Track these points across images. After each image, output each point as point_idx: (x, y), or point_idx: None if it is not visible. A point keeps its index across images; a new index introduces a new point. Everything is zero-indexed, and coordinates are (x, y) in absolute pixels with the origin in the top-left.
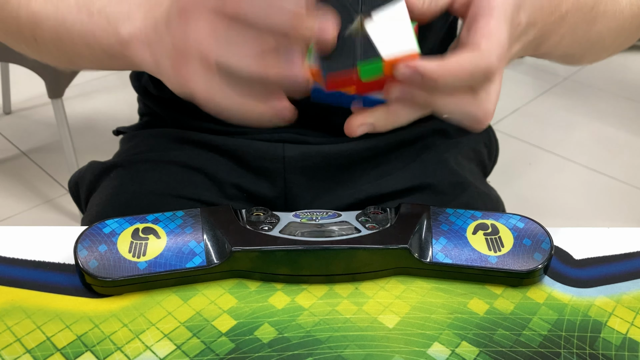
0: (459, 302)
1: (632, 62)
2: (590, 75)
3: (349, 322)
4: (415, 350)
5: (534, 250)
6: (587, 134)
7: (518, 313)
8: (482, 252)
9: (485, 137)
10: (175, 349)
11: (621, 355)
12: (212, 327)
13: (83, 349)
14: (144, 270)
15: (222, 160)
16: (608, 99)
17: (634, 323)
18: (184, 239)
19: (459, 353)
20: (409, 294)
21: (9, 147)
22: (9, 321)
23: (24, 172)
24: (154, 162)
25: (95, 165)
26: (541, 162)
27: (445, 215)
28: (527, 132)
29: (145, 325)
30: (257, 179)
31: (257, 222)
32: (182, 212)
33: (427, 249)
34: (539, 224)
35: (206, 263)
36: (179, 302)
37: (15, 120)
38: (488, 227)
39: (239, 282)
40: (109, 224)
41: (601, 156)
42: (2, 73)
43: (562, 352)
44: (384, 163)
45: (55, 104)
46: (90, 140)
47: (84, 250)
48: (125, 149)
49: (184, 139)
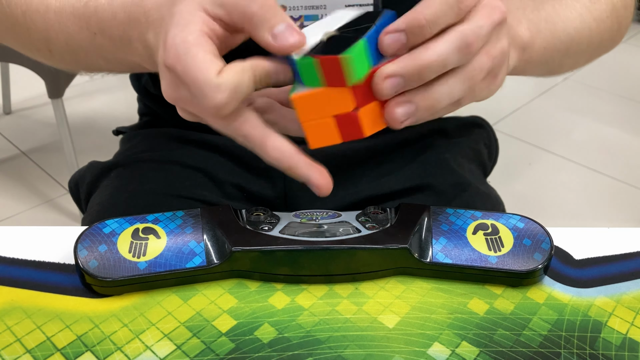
0: (459, 302)
1: (632, 62)
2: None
3: (349, 322)
4: (415, 350)
5: (534, 250)
6: (587, 134)
7: (518, 313)
8: (482, 252)
9: (485, 137)
10: (175, 349)
11: (621, 355)
12: (212, 327)
13: (83, 349)
14: (144, 270)
15: (222, 160)
16: (608, 99)
17: (634, 323)
18: (184, 239)
19: (459, 353)
20: (409, 294)
21: (9, 147)
22: (9, 321)
23: (24, 172)
24: (154, 162)
25: (95, 165)
26: (541, 162)
27: (445, 215)
28: (527, 132)
29: (145, 325)
30: (257, 178)
31: (257, 222)
32: (182, 212)
33: (427, 249)
34: (539, 224)
35: (206, 263)
36: (179, 302)
37: (15, 120)
38: (488, 227)
39: (239, 282)
40: (109, 224)
41: (601, 156)
42: (2, 73)
43: (562, 352)
44: (384, 163)
45: (55, 104)
46: (90, 140)
47: (84, 250)
48: (125, 148)
49: (184, 138)
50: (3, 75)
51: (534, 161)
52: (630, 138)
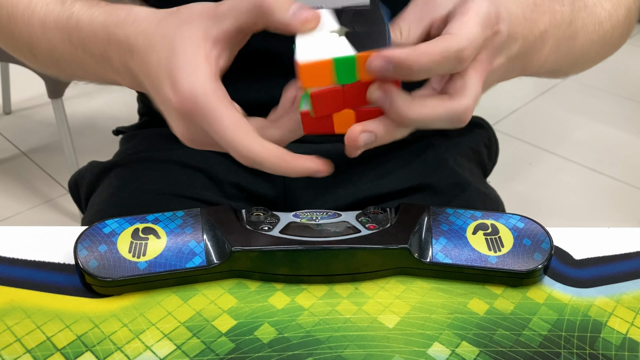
0: (459, 302)
1: (632, 62)
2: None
3: (349, 322)
4: (415, 350)
5: (534, 250)
6: (587, 134)
7: (518, 313)
8: (482, 252)
9: (485, 137)
10: (175, 349)
11: (621, 355)
12: (212, 327)
13: (83, 349)
14: (144, 270)
15: (222, 160)
16: (608, 99)
17: (634, 323)
18: (184, 239)
19: (459, 353)
20: (409, 294)
21: (9, 147)
22: (9, 321)
23: (24, 172)
24: (154, 162)
25: (95, 165)
26: (541, 162)
27: (445, 215)
28: (527, 132)
29: (145, 325)
30: (257, 178)
31: (257, 222)
32: (182, 212)
33: (427, 249)
34: (539, 224)
35: (206, 263)
36: (179, 302)
37: (15, 120)
38: (488, 227)
39: (239, 282)
40: (109, 224)
41: (601, 156)
42: (2, 73)
43: (562, 352)
44: (384, 163)
45: (55, 104)
46: (90, 140)
47: (84, 250)
48: (125, 148)
49: None
50: (3, 75)
51: (534, 161)
52: (630, 138)
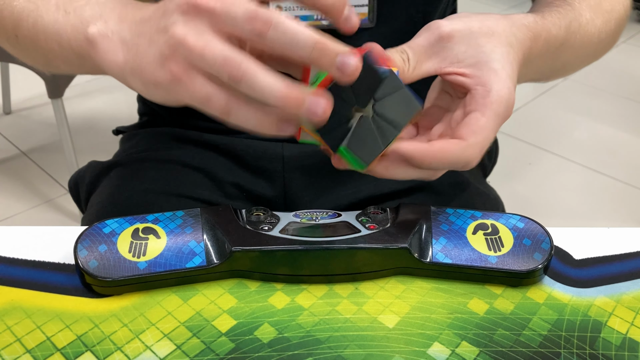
0: (459, 302)
1: (632, 62)
2: (590, 75)
3: (349, 322)
4: (415, 350)
5: (534, 250)
6: (587, 134)
7: (518, 313)
8: (482, 252)
9: None
10: (175, 349)
11: (621, 355)
12: (212, 327)
13: (83, 349)
14: (144, 270)
15: (222, 160)
16: (608, 99)
17: (634, 323)
18: (184, 239)
19: (459, 353)
20: (409, 294)
21: (9, 147)
22: (9, 321)
23: (24, 172)
24: (154, 162)
25: (95, 165)
26: (541, 162)
27: (445, 215)
28: (527, 132)
29: (145, 325)
30: (257, 178)
31: (257, 222)
32: (182, 212)
33: (427, 249)
34: (539, 224)
35: (206, 263)
36: (179, 302)
37: (15, 120)
38: (488, 227)
39: (239, 282)
40: (108, 224)
41: (601, 156)
42: (2, 73)
43: (562, 352)
44: None
45: (55, 104)
46: (90, 140)
47: (84, 250)
48: (125, 148)
49: (183, 138)
50: (3, 75)
51: (534, 161)
52: (630, 138)
